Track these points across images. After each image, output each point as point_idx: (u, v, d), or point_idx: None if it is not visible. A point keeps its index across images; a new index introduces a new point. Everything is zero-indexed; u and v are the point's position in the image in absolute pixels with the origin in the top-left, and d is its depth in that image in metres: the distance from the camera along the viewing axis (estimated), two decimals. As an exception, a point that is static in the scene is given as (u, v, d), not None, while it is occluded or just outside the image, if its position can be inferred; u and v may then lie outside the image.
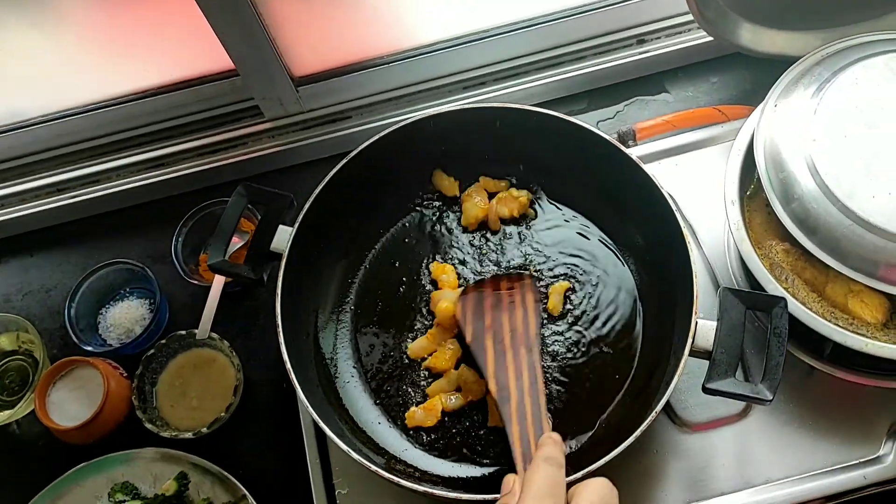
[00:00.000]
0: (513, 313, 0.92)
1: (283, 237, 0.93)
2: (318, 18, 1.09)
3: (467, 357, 0.93)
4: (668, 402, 0.84)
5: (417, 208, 1.07)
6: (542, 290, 0.98)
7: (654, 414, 0.80)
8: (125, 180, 1.20)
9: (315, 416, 0.84)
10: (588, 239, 1.02)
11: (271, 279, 0.93)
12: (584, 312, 0.98)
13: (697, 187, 1.04)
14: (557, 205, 1.05)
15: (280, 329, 0.87)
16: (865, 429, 0.93)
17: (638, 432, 0.80)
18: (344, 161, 0.96)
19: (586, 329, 0.97)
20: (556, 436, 0.72)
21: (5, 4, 0.97)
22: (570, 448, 0.91)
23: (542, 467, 0.67)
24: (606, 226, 1.02)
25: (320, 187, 0.94)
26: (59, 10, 1.01)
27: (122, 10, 1.03)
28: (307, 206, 0.93)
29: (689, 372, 0.85)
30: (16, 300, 1.19)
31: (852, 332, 0.85)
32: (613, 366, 0.95)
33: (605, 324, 0.97)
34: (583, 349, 0.96)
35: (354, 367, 0.98)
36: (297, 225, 0.93)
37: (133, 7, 1.03)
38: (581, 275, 1.00)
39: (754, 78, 1.18)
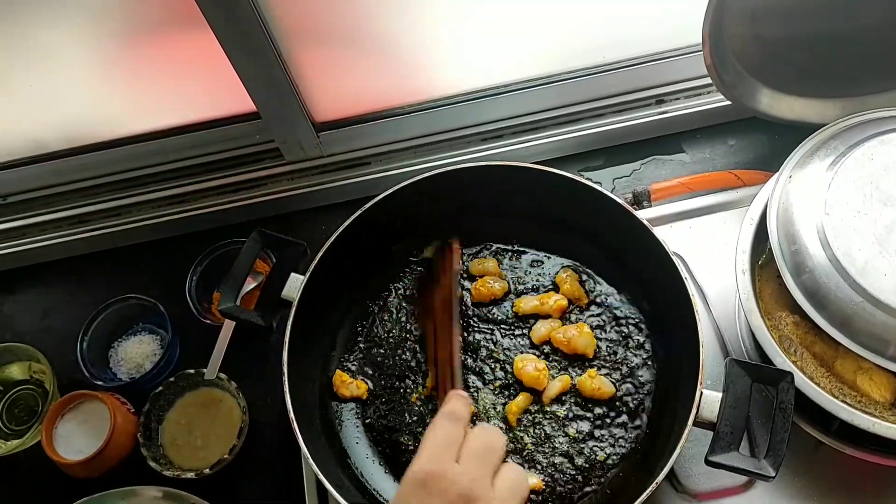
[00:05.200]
0: (441, 285, 0.94)
1: (295, 285, 0.94)
2: (341, 67, 1.10)
3: None
4: (671, 470, 0.83)
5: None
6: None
7: (655, 484, 0.79)
8: (145, 216, 1.22)
9: (314, 467, 0.85)
10: (596, 300, 1.02)
11: (281, 325, 0.94)
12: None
13: (710, 252, 1.04)
14: (567, 260, 1.05)
15: (286, 378, 0.88)
16: (873, 507, 0.91)
17: (638, 502, 0.79)
18: (357, 213, 0.97)
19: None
20: (462, 392, 0.76)
21: (32, 37, 1.00)
22: (571, 512, 0.90)
23: (440, 423, 0.71)
24: (615, 287, 1.02)
25: (333, 238, 0.96)
26: (89, 45, 1.03)
27: (148, 49, 1.05)
28: (319, 255, 0.95)
29: (693, 439, 0.85)
30: (30, 329, 1.20)
31: (860, 410, 0.84)
32: (616, 430, 0.94)
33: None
34: (584, 412, 0.95)
35: (358, 417, 0.98)
36: (308, 274, 0.94)
37: (159, 47, 1.05)
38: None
39: (772, 142, 1.19)
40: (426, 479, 0.66)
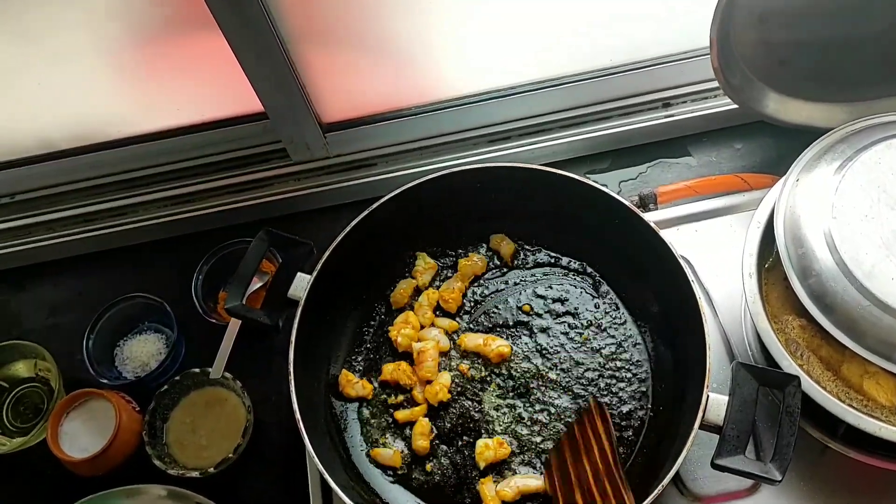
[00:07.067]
0: (591, 453, 0.88)
1: (301, 284, 0.94)
2: (348, 68, 1.11)
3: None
4: (677, 473, 0.83)
5: (437, 260, 1.08)
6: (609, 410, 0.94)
7: (660, 487, 0.79)
8: (151, 215, 1.22)
9: (320, 465, 0.85)
10: (602, 302, 1.02)
11: (287, 324, 0.94)
12: (593, 377, 0.98)
13: (716, 255, 1.04)
14: (574, 262, 1.05)
15: (292, 377, 0.88)
16: (878, 512, 0.91)
17: (644, 504, 0.79)
18: (364, 213, 0.98)
19: (594, 394, 0.97)
20: None
21: (42, 37, 1.00)
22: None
23: None
24: (622, 289, 1.03)
25: (340, 237, 0.96)
26: (98, 45, 1.03)
27: (157, 50, 1.06)
28: (326, 255, 0.95)
29: (699, 443, 0.85)
30: (36, 327, 1.20)
31: (866, 414, 0.84)
32: (621, 433, 0.94)
33: (613, 390, 0.97)
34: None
35: (362, 419, 0.99)
36: (315, 273, 0.94)
37: (168, 48, 1.06)
38: (593, 337, 1.00)
39: (778, 146, 1.19)
40: None
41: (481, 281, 1.06)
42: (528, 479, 0.92)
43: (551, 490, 0.90)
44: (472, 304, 1.05)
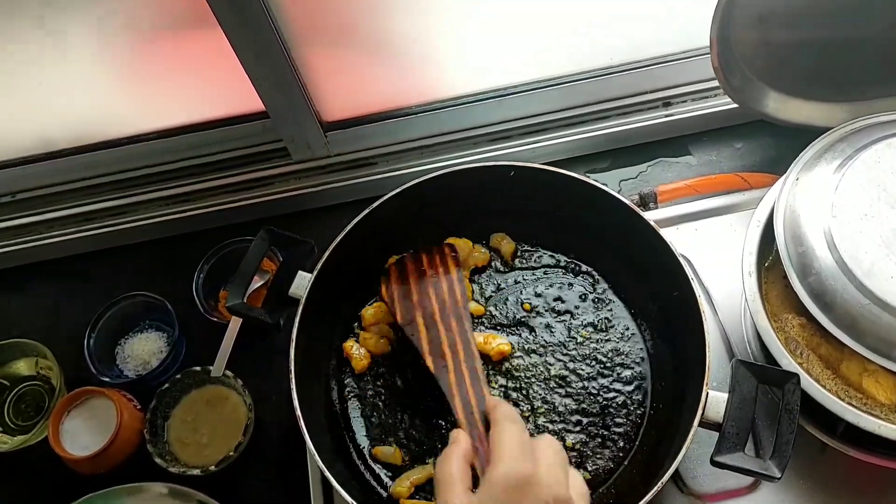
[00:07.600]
0: (438, 286, 0.94)
1: (302, 283, 0.94)
2: (349, 67, 1.11)
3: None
4: (676, 471, 0.83)
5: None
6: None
7: (660, 484, 0.80)
8: (151, 214, 1.22)
9: (320, 464, 0.85)
10: (602, 300, 1.03)
11: (287, 323, 0.94)
12: (593, 375, 0.98)
13: (716, 254, 1.05)
14: (574, 261, 1.06)
15: (292, 376, 0.88)
16: (878, 510, 0.91)
17: (643, 503, 0.79)
18: (365, 211, 0.98)
19: (594, 391, 0.97)
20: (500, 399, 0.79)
21: (42, 36, 1.00)
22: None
23: (507, 427, 0.68)
24: (622, 288, 1.03)
25: (341, 236, 0.96)
26: (99, 44, 1.04)
27: (157, 48, 1.06)
28: (327, 253, 0.95)
29: (699, 440, 0.85)
30: (37, 326, 1.20)
31: (866, 412, 0.84)
32: (621, 431, 0.95)
33: (613, 388, 0.97)
34: (590, 411, 0.96)
35: (364, 416, 0.99)
36: (316, 272, 0.94)
37: (169, 47, 1.06)
38: (593, 336, 1.00)
39: (779, 145, 1.19)
40: (520, 482, 0.64)
41: (481, 280, 1.06)
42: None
43: (388, 299, 0.95)
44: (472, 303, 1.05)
